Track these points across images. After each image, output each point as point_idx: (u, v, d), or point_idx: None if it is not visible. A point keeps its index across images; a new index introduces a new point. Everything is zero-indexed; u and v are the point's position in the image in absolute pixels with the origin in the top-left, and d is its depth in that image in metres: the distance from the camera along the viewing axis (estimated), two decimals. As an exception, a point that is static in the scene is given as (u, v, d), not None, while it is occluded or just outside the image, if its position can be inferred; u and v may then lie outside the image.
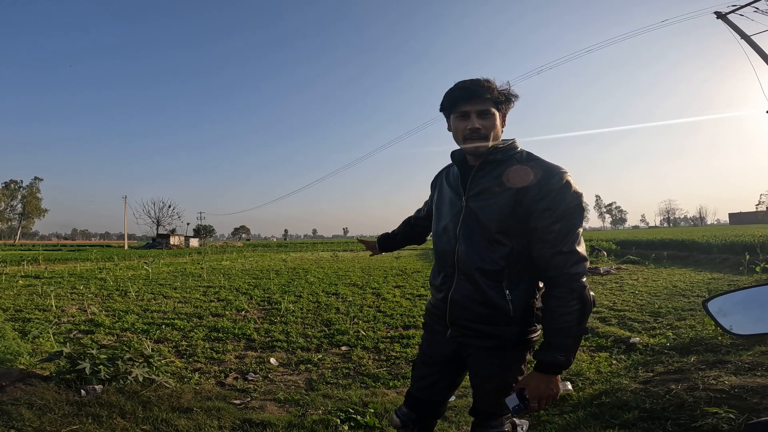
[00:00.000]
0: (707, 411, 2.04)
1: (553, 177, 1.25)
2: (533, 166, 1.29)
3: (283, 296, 7.44)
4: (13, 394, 2.60)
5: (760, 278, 8.16)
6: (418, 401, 1.53)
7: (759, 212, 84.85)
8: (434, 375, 1.50)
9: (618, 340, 4.25)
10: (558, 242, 1.24)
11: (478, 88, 1.31)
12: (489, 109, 1.32)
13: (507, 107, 1.38)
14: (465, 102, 1.33)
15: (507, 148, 1.36)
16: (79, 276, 11.49)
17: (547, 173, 1.26)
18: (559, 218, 1.24)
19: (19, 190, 75.34)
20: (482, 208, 1.32)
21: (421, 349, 1.57)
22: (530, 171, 1.28)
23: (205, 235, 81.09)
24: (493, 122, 1.33)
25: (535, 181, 1.26)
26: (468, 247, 1.34)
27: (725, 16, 13.57)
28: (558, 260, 1.24)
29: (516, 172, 1.29)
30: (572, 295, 1.23)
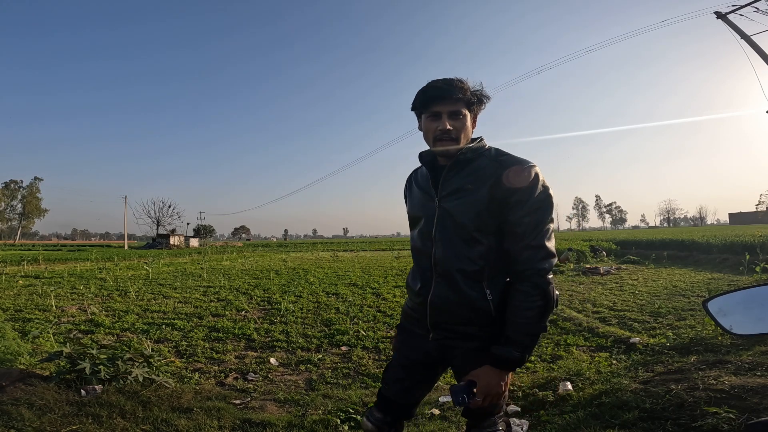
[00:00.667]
0: (707, 411, 2.04)
1: (523, 171, 1.26)
2: (504, 161, 1.30)
3: (283, 296, 7.44)
4: (13, 394, 2.60)
5: (760, 278, 8.16)
6: (392, 404, 1.50)
7: (759, 212, 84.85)
8: (413, 377, 1.48)
9: (618, 340, 4.25)
10: (527, 235, 1.24)
11: (450, 89, 1.30)
12: (460, 110, 1.32)
13: (478, 108, 1.38)
14: (437, 102, 1.31)
15: (476, 147, 1.35)
16: (79, 276, 11.49)
17: (517, 167, 1.27)
18: (528, 211, 1.24)
19: (19, 190, 75.32)
20: (457, 207, 1.31)
21: (397, 352, 1.53)
22: (501, 166, 1.28)
23: (205, 235, 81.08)
24: (464, 123, 1.32)
25: (506, 176, 1.26)
26: (445, 248, 1.33)
27: (725, 16, 13.57)
28: (526, 254, 1.24)
29: (487, 169, 1.30)
30: (536, 291, 1.22)
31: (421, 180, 1.46)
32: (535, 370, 3.60)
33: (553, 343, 4.40)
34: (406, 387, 1.49)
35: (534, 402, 2.81)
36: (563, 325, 5.09)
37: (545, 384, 3.08)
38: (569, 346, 4.27)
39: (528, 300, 1.22)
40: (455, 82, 1.32)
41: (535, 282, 1.22)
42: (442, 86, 1.31)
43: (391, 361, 1.54)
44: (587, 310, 6.03)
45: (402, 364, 1.49)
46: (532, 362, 3.83)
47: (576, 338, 4.49)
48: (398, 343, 1.53)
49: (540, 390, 2.95)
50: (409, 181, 1.55)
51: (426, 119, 1.36)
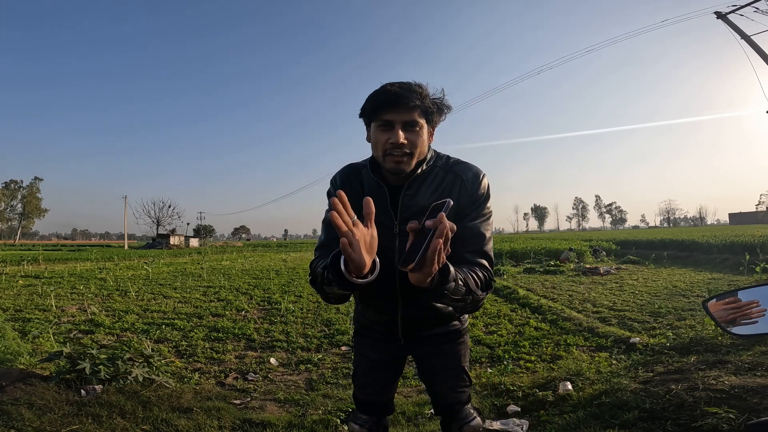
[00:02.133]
0: (707, 411, 2.04)
1: (477, 180, 1.23)
2: (460, 170, 1.24)
3: (283, 296, 7.44)
4: (13, 394, 2.60)
5: (760, 278, 8.16)
6: (374, 404, 1.53)
7: (759, 212, 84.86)
8: (384, 376, 1.52)
9: (618, 340, 4.26)
10: (476, 242, 1.21)
11: (406, 94, 1.12)
12: (417, 121, 1.14)
13: (438, 119, 1.22)
14: (389, 109, 1.13)
15: (429, 159, 1.25)
16: (79, 276, 11.49)
17: (473, 177, 1.23)
18: (478, 218, 1.22)
19: (19, 190, 75.34)
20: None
21: (365, 356, 1.50)
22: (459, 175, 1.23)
23: (205, 235, 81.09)
24: (420, 136, 1.16)
25: (464, 186, 1.22)
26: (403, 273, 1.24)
27: (725, 16, 13.58)
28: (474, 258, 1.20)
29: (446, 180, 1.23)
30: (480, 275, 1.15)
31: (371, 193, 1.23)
32: (535, 370, 3.60)
33: (553, 343, 4.40)
34: (379, 387, 1.53)
35: (534, 402, 2.81)
36: (563, 325, 5.09)
37: (545, 384, 3.08)
38: (569, 346, 4.27)
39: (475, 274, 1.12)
40: (413, 87, 1.15)
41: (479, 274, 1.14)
42: (397, 91, 1.12)
43: (358, 367, 1.54)
44: (587, 310, 6.03)
45: (371, 367, 1.51)
46: (532, 362, 3.83)
47: (576, 338, 4.50)
48: (363, 346, 1.51)
49: (540, 390, 2.95)
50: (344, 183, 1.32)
51: (376, 129, 1.17)
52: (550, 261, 13.42)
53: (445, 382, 1.47)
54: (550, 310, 5.88)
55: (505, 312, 6.03)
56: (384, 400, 1.56)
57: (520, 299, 6.85)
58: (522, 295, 7.16)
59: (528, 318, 5.61)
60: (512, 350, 4.16)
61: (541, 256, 15.20)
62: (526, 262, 14.38)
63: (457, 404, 1.45)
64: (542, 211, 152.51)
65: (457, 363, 1.45)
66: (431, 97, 1.19)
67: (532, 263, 13.43)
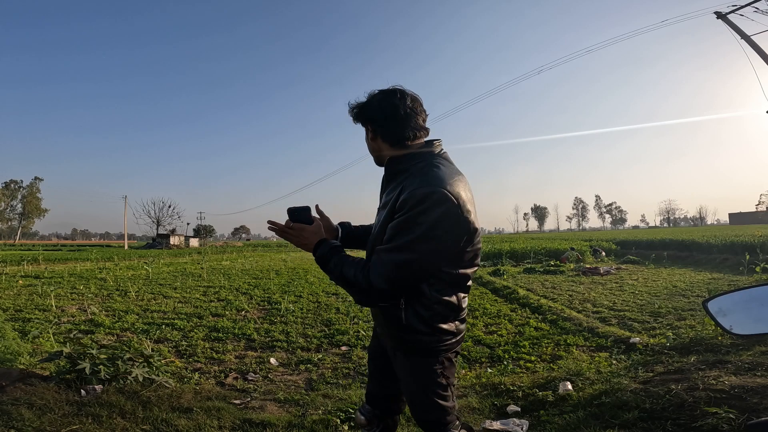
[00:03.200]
0: (707, 411, 2.04)
1: (418, 188, 1.18)
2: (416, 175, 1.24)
3: (283, 296, 7.44)
4: (13, 394, 2.60)
5: (760, 278, 8.16)
6: (375, 396, 1.62)
7: (759, 212, 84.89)
8: (379, 369, 1.59)
9: (618, 340, 4.26)
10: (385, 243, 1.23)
11: (351, 113, 1.40)
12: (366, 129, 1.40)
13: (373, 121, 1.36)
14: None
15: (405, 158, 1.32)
16: (79, 276, 11.49)
17: (418, 185, 1.20)
18: (398, 222, 1.19)
19: (19, 190, 75.40)
20: (378, 221, 1.35)
21: (369, 344, 1.68)
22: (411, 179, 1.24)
23: (205, 235, 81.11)
24: (367, 141, 1.41)
25: (404, 189, 1.22)
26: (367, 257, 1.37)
27: (725, 16, 13.58)
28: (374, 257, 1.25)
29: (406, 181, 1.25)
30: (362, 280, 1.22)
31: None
32: (535, 370, 3.60)
33: (553, 343, 4.40)
34: (377, 378, 1.62)
35: (534, 402, 2.81)
36: (563, 325, 5.09)
37: (545, 384, 3.08)
38: (569, 346, 4.27)
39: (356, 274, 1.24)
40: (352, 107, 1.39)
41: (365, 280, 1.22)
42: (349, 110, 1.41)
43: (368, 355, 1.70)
44: (587, 310, 6.03)
45: (371, 356, 1.65)
46: (532, 362, 3.83)
47: (576, 338, 4.50)
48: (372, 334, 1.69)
49: (540, 390, 2.95)
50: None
51: None
52: (550, 261, 13.43)
53: (410, 403, 1.44)
54: (550, 310, 5.88)
55: (505, 312, 6.03)
56: (384, 395, 1.59)
57: (520, 299, 6.85)
58: (522, 295, 7.16)
59: (528, 318, 5.61)
60: (512, 350, 4.16)
61: (541, 256, 15.21)
62: (526, 262, 14.38)
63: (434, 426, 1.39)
64: (542, 211, 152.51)
65: (420, 390, 1.37)
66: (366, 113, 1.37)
67: (532, 263, 13.43)
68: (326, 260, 1.32)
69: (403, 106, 1.31)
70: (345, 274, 1.27)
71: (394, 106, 1.31)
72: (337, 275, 1.29)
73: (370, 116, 1.37)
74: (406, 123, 1.32)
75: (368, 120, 1.38)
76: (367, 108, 1.36)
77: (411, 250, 1.18)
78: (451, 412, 1.40)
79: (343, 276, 1.27)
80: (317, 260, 1.34)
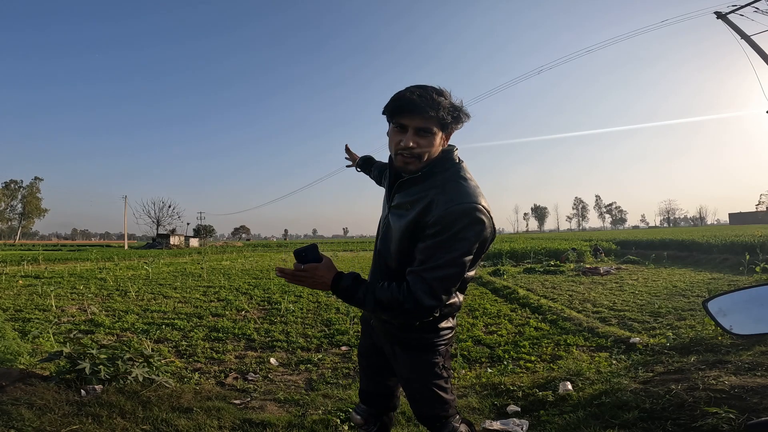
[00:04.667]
0: (707, 411, 2.04)
1: (454, 204, 1.16)
2: (448, 189, 1.20)
3: (283, 296, 7.44)
4: (13, 394, 2.60)
5: (760, 278, 8.16)
6: (369, 395, 1.61)
7: (759, 212, 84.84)
8: (374, 366, 1.58)
9: (618, 340, 4.25)
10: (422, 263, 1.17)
11: (423, 103, 1.18)
12: (430, 128, 1.20)
13: (454, 128, 1.27)
14: (405, 115, 1.21)
15: (436, 162, 1.26)
16: (79, 276, 11.49)
17: (451, 199, 1.17)
18: (437, 242, 1.16)
19: (19, 190, 75.34)
20: (395, 223, 1.30)
21: (360, 342, 1.65)
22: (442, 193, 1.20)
23: (205, 235, 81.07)
24: (431, 142, 1.22)
25: (435, 205, 1.18)
26: (384, 256, 1.36)
27: (725, 16, 13.57)
28: (411, 278, 1.17)
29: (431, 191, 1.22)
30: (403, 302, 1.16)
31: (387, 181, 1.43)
32: (535, 370, 3.60)
33: (553, 343, 4.40)
34: (371, 376, 1.60)
35: (534, 402, 2.81)
36: (563, 325, 5.09)
37: (545, 384, 3.08)
38: (569, 346, 4.27)
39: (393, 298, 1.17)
40: (432, 95, 1.19)
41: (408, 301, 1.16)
42: (415, 99, 1.19)
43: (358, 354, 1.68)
44: (587, 310, 6.03)
45: (363, 354, 1.62)
46: (532, 362, 3.83)
47: (576, 338, 4.50)
48: (361, 334, 1.66)
49: (540, 390, 2.95)
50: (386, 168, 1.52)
51: (392, 129, 1.26)
52: (550, 261, 13.42)
53: (411, 398, 1.45)
54: (550, 310, 5.88)
55: (505, 312, 6.03)
56: (378, 393, 1.60)
57: (520, 299, 6.85)
58: (522, 295, 7.16)
59: (528, 318, 5.61)
60: (512, 350, 4.16)
61: (541, 256, 15.21)
62: (526, 262, 14.38)
63: (435, 419, 1.41)
64: (542, 211, 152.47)
65: (421, 384, 1.39)
66: (449, 105, 1.21)
67: (532, 263, 13.43)
68: (352, 292, 1.22)
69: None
70: (381, 299, 1.19)
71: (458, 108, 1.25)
72: (372, 303, 1.20)
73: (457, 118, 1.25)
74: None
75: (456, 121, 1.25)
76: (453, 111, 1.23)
77: (455, 266, 1.16)
78: (452, 405, 1.42)
79: (380, 301, 1.19)
80: (340, 294, 1.23)
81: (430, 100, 1.19)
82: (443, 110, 1.20)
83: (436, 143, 1.24)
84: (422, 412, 1.43)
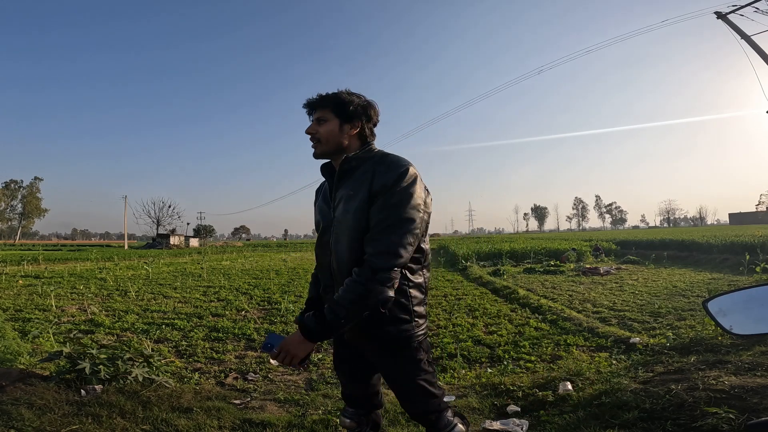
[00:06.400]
0: (707, 411, 2.04)
1: (391, 170, 1.30)
2: (382, 160, 1.35)
3: (283, 296, 7.44)
4: (13, 394, 2.60)
5: (760, 278, 8.16)
6: (356, 398, 1.62)
7: (759, 212, 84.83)
8: (358, 370, 1.59)
9: (618, 340, 4.25)
10: (376, 229, 1.27)
11: (319, 98, 1.43)
12: (325, 116, 1.41)
13: (357, 117, 1.42)
14: (310, 113, 1.46)
15: (361, 154, 1.40)
16: (79, 276, 11.49)
17: (388, 167, 1.32)
18: (386, 207, 1.27)
19: (19, 190, 75.37)
20: (343, 215, 1.36)
21: (335, 350, 1.67)
22: (379, 165, 1.34)
23: (205, 235, 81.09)
24: (330, 128, 1.40)
25: (379, 176, 1.31)
26: (339, 257, 1.37)
27: (725, 16, 13.57)
28: (370, 246, 1.26)
29: (367, 172, 1.34)
30: (362, 278, 1.23)
31: (323, 191, 1.56)
32: (535, 370, 3.60)
33: (553, 343, 4.40)
34: (353, 381, 1.61)
35: (534, 402, 2.81)
36: (563, 325, 5.09)
37: (545, 384, 3.08)
38: (569, 346, 4.27)
39: (352, 285, 1.25)
40: (329, 94, 1.43)
41: (365, 273, 1.24)
42: (312, 98, 1.44)
43: (333, 361, 1.69)
44: (587, 310, 6.03)
45: (339, 360, 1.64)
46: (532, 362, 3.83)
47: (576, 338, 4.50)
48: (334, 342, 1.67)
49: (540, 390, 2.95)
50: (317, 193, 1.63)
51: None
52: (550, 261, 13.43)
53: (401, 397, 1.49)
54: (550, 310, 5.88)
55: (505, 312, 6.03)
56: (362, 394, 1.61)
57: (520, 299, 6.85)
58: (522, 295, 7.16)
59: (528, 318, 5.61)
60: (512, 350, 4.16)
61: (541, 256, 15.21)
62: (526, 262, 14.38)
63: (427, 414, 1.45)
64: (542, 211, 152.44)
65: (405, 375, 1.43)
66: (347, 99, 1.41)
67: (532, 263, 13.43)
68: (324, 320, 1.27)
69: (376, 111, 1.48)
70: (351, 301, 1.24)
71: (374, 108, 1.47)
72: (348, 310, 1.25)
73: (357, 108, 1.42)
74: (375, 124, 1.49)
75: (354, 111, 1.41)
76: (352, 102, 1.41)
77: (408, 220, 1.27)
78: (442, 398, 1.46)
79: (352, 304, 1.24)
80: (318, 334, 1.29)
81: (325, 96, 1.42)
82: (331, 100, 1.40)
83: (334, 129, 1.40)
84: (415, 409, 1.46)
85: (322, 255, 1.47)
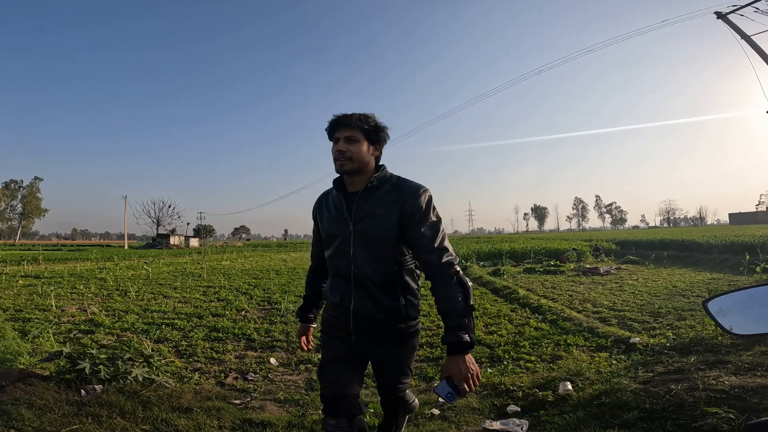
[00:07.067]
0: (707, 411, 2.04)
1: (420, 196, 1.54)
2: (405, 187, 1.56)
3: (283, 296, 7.44)
4: (13, 394, 2.60)
5: (760, 278, 8.16)
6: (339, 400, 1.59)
7: (759, 212, 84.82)
8: (345, 369, 1.65)
9: (618, 340, 4.25)
10: (431, 243, 1.52)
11: (347, 118, 1.56)
12: (355, 135, 1.55)
13: (377, 138, 1.60)
14: (337, 128, 1.57)
15: (380, 176, 1.60)
16: (79, 276, 11.49)
17: (415, 191, 1.54)
18: (428, 226, 1.53)
19: (19, 190, 75.35)
20: (370, 229, 1.55)
21: (326, 352, 1.71)
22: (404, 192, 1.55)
23: (205, 235, 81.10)
24: (361, 149, 1.55)
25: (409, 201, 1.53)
26: (362, 265, 1.56)
27: (725, 16, 13.58)
28: (432, 256, 1.51)
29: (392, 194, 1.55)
30: (451, 281, 1.48)
31: (333, 204, 1.66)
32: (535, 370, 3.60)
33: (553, 343, 4.40)
34: (341, 380, 1.64)
35: (534, 402, 2.81)
36: (563, 325, 5.09)
37: (545, 384, 3.08)
38: (569, 346, 4.27)
39: (447, 290, 1.48)
40: (354, 114, 1.57)
41: (447, 274, 1.49)
42: (341, 117, 1.57)
43: (323, 360, 1.71)
44: (587, 310, 6.03)
45: (333, 360, 1.67)
46: (532, 362, 3.83)
47: (576, 338, 4.50)
48: (324, 345, 1.73)
49: (540, 390, 2.95)
50: (320, 202, 1.75)
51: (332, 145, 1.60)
52: (550, 261, 13.43)
53: (389, 375, 1.75)
54: (550, 310, 5.88)
55: (505, 312, 6.03)
56: (348, 395, 1.61)
57: (520, 299, 6.85)
58: (522, 295, 7.16)
59: (528, 318, 5.61)
60: (512, 350, 4.16)
61: (541, 256, 15.21)
62: (526, 262, 14.38)
63: (400, 391, 1.79)
64: (542, 211, 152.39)
65: (403, 362, 1.72)
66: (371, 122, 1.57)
67: (532, 263, 13.43)
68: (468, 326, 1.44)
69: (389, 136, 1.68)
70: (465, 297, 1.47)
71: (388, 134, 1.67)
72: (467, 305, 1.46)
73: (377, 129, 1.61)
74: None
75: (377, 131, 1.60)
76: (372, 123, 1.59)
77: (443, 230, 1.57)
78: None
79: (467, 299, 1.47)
80: (473, 340, 1.44)
81: (351, 117, 1.56)
82: (364, 123, 1.56)
83: (363, 149, 1.56)
84: (401, 389, 1.78)
85: (340, 264, 1.61)
